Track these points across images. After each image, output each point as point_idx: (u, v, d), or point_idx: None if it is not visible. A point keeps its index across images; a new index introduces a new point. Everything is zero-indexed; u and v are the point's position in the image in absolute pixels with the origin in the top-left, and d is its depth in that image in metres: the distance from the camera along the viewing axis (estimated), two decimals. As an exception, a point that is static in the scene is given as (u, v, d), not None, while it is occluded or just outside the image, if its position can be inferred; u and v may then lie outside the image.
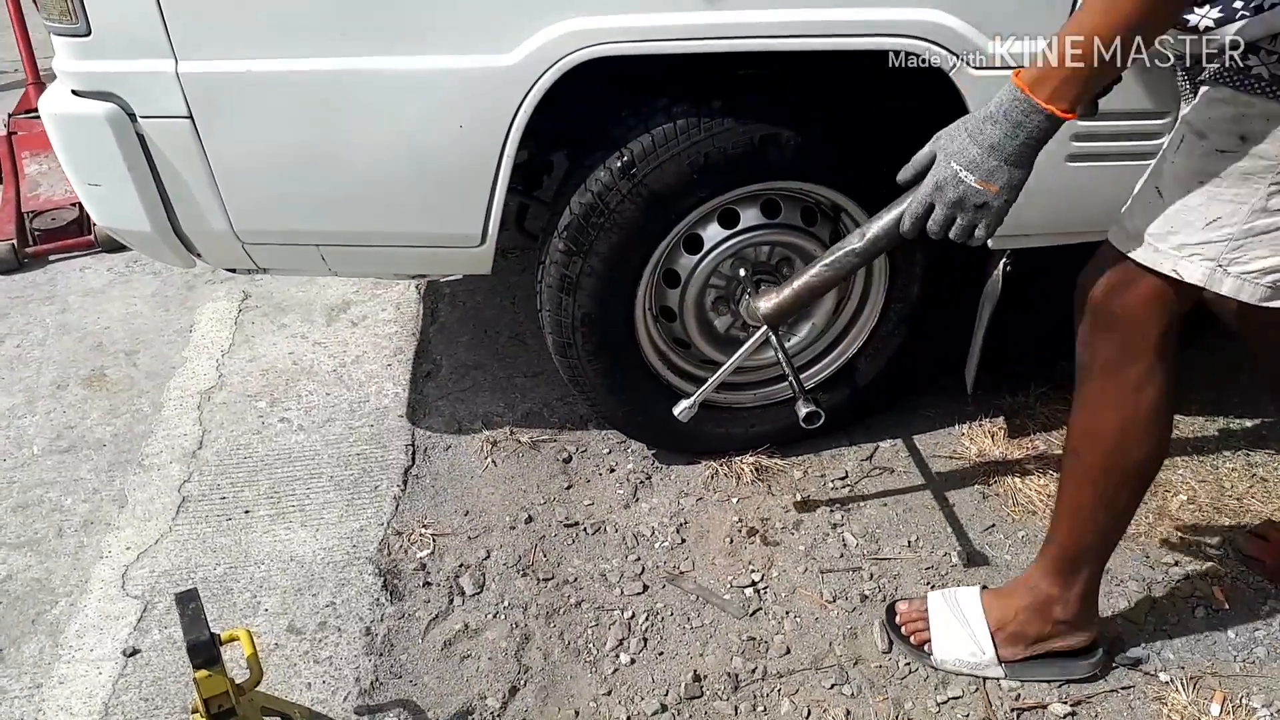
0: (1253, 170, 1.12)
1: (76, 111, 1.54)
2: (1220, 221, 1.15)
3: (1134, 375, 1.29)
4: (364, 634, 1.70)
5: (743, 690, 1.59)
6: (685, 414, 1.78)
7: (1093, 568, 1.48)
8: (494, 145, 1.55)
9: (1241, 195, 1.14)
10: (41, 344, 2.56)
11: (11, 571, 1.88)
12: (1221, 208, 1.15)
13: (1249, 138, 1.11)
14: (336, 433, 2.19)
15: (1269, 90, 1.08)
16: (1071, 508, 1.45)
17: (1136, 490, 1.41)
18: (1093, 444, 1.38)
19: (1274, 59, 1.06)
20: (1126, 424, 1.33)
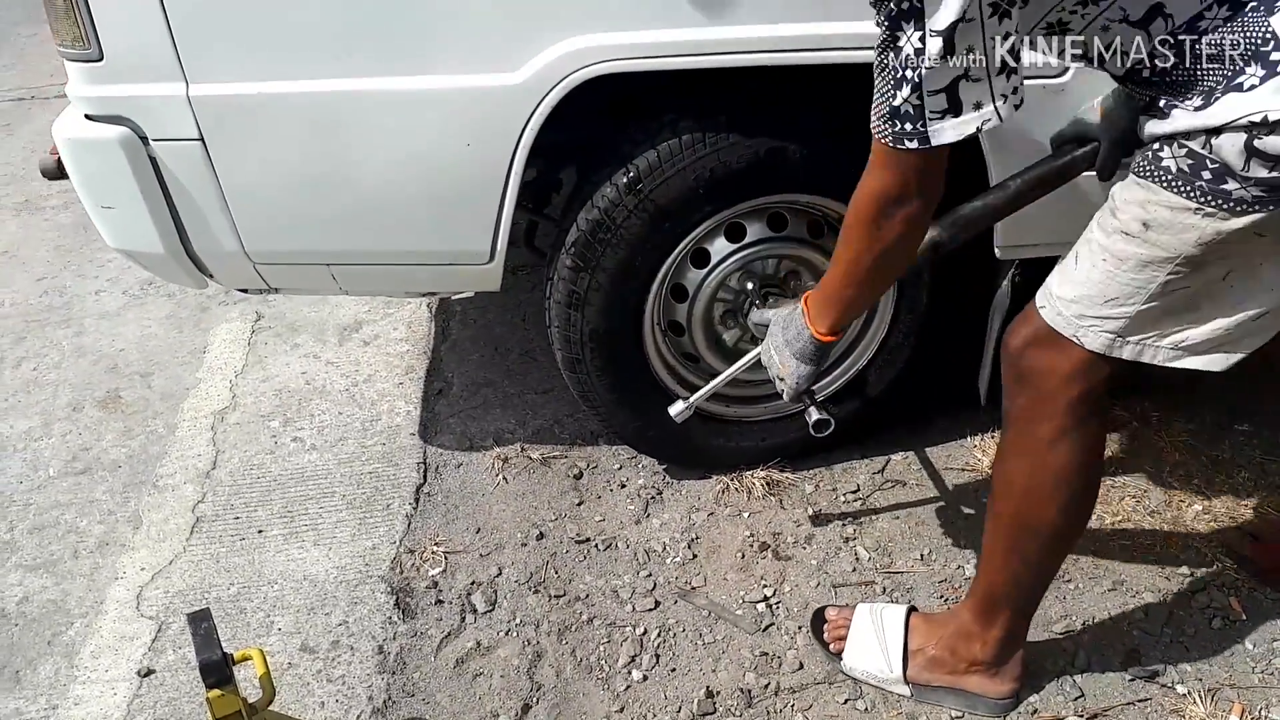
0: (1151, 259, 1.13)
1: (90, 136, 1.56)
2: (1117, 301, 1.17)
3: (1044, 433, 1.29)
4: (377, 652, 1.70)
5: (756, 706, 1.58)
6: (681, 415, 1.77)
7: (1011, 615, 1.46)
8: (501, 163, 1.57)
9: (1138, 281, 1.14)
10: (57, 367, 2.58)
11: (28, 593, 1.89)
12: (1119, 289, 1.16)
13: (1151, 226, 1.11)
14: (349, 451, 2.20)
15: (1175, 185, 1.08)
16: (990, 549, 1.45)
17: (1050, 548, 1.39)
18: (1004, 493, 1.39)
19: (1183, 153, 1.06)
20: (1035, 480, 1.33)
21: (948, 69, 1.04)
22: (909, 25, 1.03)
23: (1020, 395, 1.31)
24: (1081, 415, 1.27)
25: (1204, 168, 1.05)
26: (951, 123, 1.07)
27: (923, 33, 1.02)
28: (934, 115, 1.07)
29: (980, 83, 1.05)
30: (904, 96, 1.07)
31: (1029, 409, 1.30)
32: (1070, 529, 1.38)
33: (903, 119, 1.09)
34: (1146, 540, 1.82)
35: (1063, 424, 1.27)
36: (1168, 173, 1.08)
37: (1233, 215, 1.05)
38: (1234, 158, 1.02)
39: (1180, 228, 1.09)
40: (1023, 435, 1.33)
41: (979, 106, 1.06)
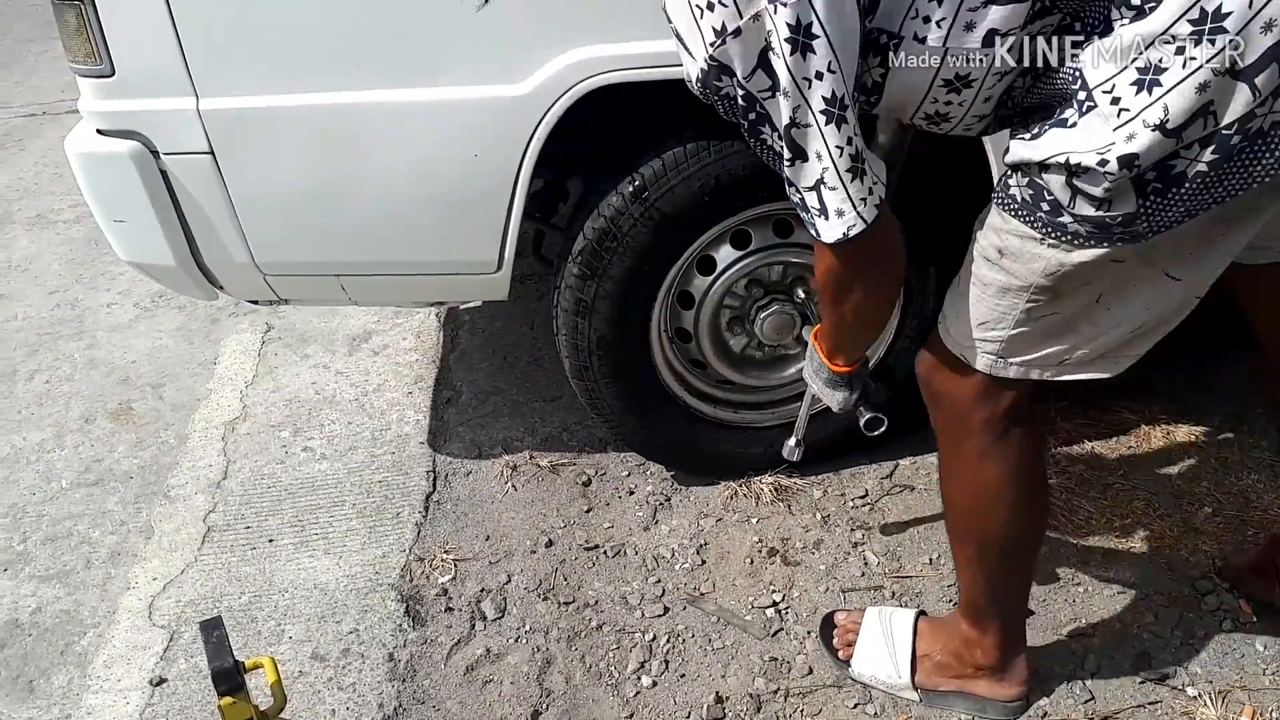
0: (1009, 286, 1.13)
1: (101, 150, 1.58)
2: (988, 325, 1.18)
3: (968, 451, 1.30)
4: (387, 660, 1.71)
5: (765, 711, 1.59)
6: (793, 453, 1.81)
7: (999, 620, 1.46)
8: (508, 173, 1.58)
9: (1001, 307, 1.15)
10: (70, 379, 2.60)
11: (41, 603, 1.90)
12: (988, 313, 1.17)
13: (1005, 254, 1.12)
14: (359, 461, 2.21)
15: (1021, 214, 1.07)
16: (956, 565, 1.48)
17: (1008, 556, 1.39)
18: (950, 510, 1.42)
19: (1025, 183, 1.06)
20: (972, 496, 1.35)
21: (805, 170, 1.04)
22: (765, 128, 1.04)
23: (938, 418, 1.33)
24: (999, 431, 1.27)
25: (1042, 199, 1.04)
26: (826, 224, 1.07)
27: (775, 133, 1.03)
28: (816, 212, 1.07)
29: (837, 190, 1.04)
30: (790, 190, 1.09)
31: (948, 430, 1.32)
32: (1021, 535, 1.38)
33: (800, 209, 1.10)
34: (1156, 543, 1.82)
35: (982, 441, 1.28)
36: (1014, 201, 1.08)
37: (1074, 248, 1.05)
38: (1060, 194, 1.02)
39: (1029, 257, 1.09)
40: (950, 455, 1.35)
41: (841, 214, 1.06)
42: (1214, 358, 2.24)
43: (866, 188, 1.05)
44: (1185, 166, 0.95)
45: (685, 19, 1.00)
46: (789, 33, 0.94)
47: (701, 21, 0.98)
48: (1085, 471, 1.98)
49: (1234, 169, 0.95)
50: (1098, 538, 1.84)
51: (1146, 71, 0.92)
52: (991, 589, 1.43)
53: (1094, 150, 0.96)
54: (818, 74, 0.96)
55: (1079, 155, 0.97)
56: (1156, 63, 0.91)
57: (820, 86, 0.97)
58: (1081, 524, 1.87)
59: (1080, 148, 0.97)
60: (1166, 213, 0.99)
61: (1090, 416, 2.12)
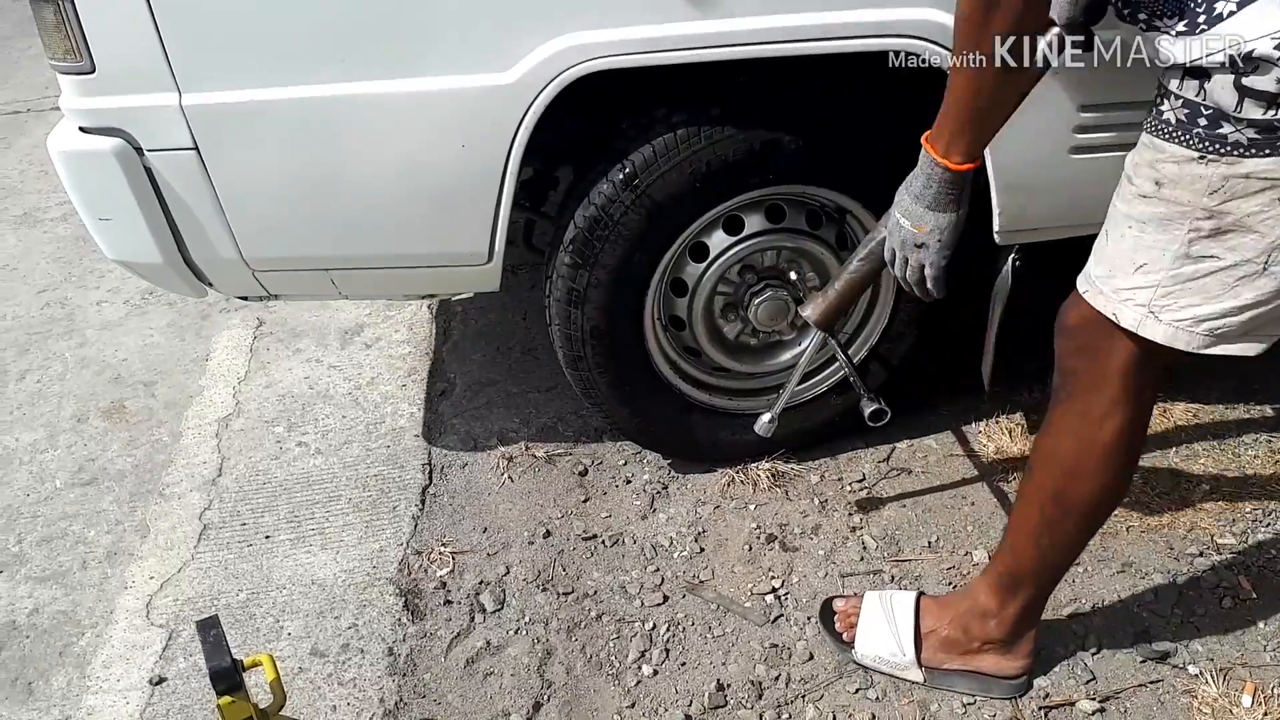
0: (1170, 216, 1.11)
1: (84, 148, 1.56)
2: (1147, 267, 1.15)
3: (1097, 406, 1.28)
4: (387, 654, 1.71)
5: (766, 698, 1.59)
6: (766, 429, 1.81)
7: (1031, 592, 1.46)
8: (496, 163, 1.56)
9: (1162, 242, 1.13)
10: (61, 378, 2.58)
11: (38, 605, 1.90)
12: (1147, 253, 1.15)
13: (1163, 183, 1.10)
14: (354, 455, 2.20)
15: (1176, 136, 1.07)
16: (1019, 525, 1.44)
17: (1083, 523, 1.39)
18: (1048, 465, 1.38)
19: (1179, 104, 1.06)
20: (1083, 452, 1.33)
21: None
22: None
23: (1075, 370, 1.29)
24: (1132, 391, 1.26)
25: (1200, 114, 1.04)
26: None
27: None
28: None
29: None
30: None
31: (1083, 384, 1.29)
32: (1109, 505, 1.38)
33: None
34: (1154, 521, 1.82)
35: (1115, 397, 1.26)
36: (1168, 125, 1.08)
37: (1238, 158, 1.03)
38: (1225, 98, 1.01)
39: (1189, 179, 1.08)
40: (1072, 409, 1.31)
41: None
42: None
43: None
44: None
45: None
46: None
47: None
48: (1082, 451, 1.98)
49: None
50: (1096, 517, 1.84)
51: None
52: (1046, 556, 1.42)
53: (1269, 34, 0.95)
54: None
55: (1252, 42, 0.95)
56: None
57: None
58: (1079, 504, 1.87)
59: (1252, 33, 0.96)
60: None
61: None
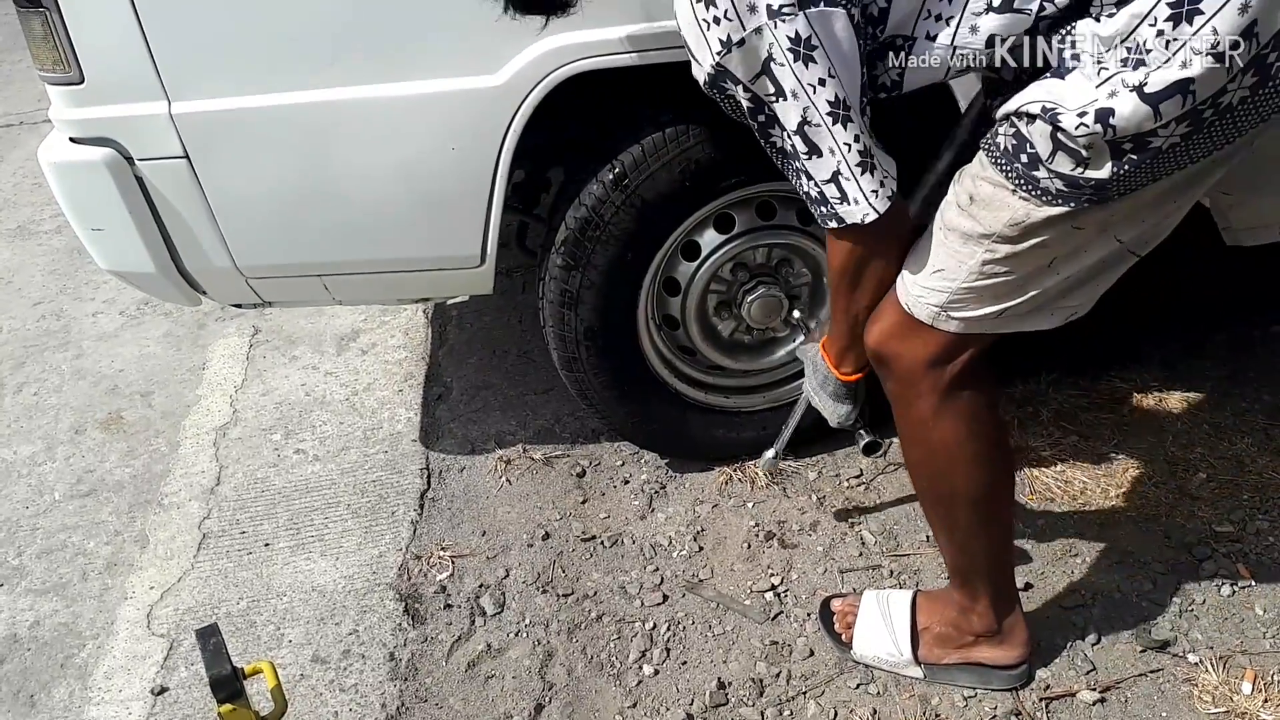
0: (971, 233, 1.15)
1: (75, 159, 1.56)
2: (944, 273, 1.19)
3: (919, 412, 1.31)
4: (388, 659, 1.71)
5: (768, 695, 1.59)
6: (770, 465, 1.85)
7: (986, 584, 1.47)
8: (487, 165, 1.57)
9: (961, 255, 1.17)
10: (58, 390, 2.58)
11: (39, 617, 1.90)
12: (946, 260, 1.18)
13: (975, 200, 1.14)
14: (352, 461, 2.21)
15: (1000, 162, 1.10)
16: (932, 530, 1.50)
17: (978, 514, 1.40)
18: (913, 474, 1.43)
19: (1012, 133, 1.09)
20: (930, 457, 1.36)
21: (822, 164, 1.12)
22: (775, 129, 1.13)
23: (888, 382, 1.34)
24: (947, 390, 1.28)
25: (1023, 150, 1.07)
26: (849, 209, 1.15)
27: (785, 133, 1.11)
28: (835, 200, 1.15)
29: (850, 181, 1.12)
30: (805, 185, 1.16)
31: (899, 394, 1.33)
32: (989, 491, 1.38)
33: (815, 203, 1.17)
34: (1151, 510, 1.82)
35: (935, 403, 1.29)
36: (997, 149, 1.11)
37: (1042, 204, 1.08)
38: (1042, 145, 1.05)
39: (998, 205, 1.12)
40: (903, 420, 1.36)
41: (857, 201, 1.14)
42: (1204, 324, 2.23)
43: (878, 180, 1.13)
44: (1160, 141, 1.00)
45: (694, 32, 1.11)
46: (790, 44, 1.04)
47: (708, 34, 1.08)
48: (1078, 442, 1.98)
49: (1201, 139, 1.01)
50: (1093, 508, 1.84)
51: (1134, 51, 0.97)
52: (969, 549, 1.44)
53: (1076, 107, 1.00)
54: (820, 80, 1.06)
55: (1063, 110, 1.01)
56: (1142, 43, 0.97)
57: (824, 91, 1.07)
58: (1076, 494, 1.87)
59: (1066, 103, 1.01)
60: (1136, 177, 1.03)
61: (1082, 386, 2.12)
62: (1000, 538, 1.46)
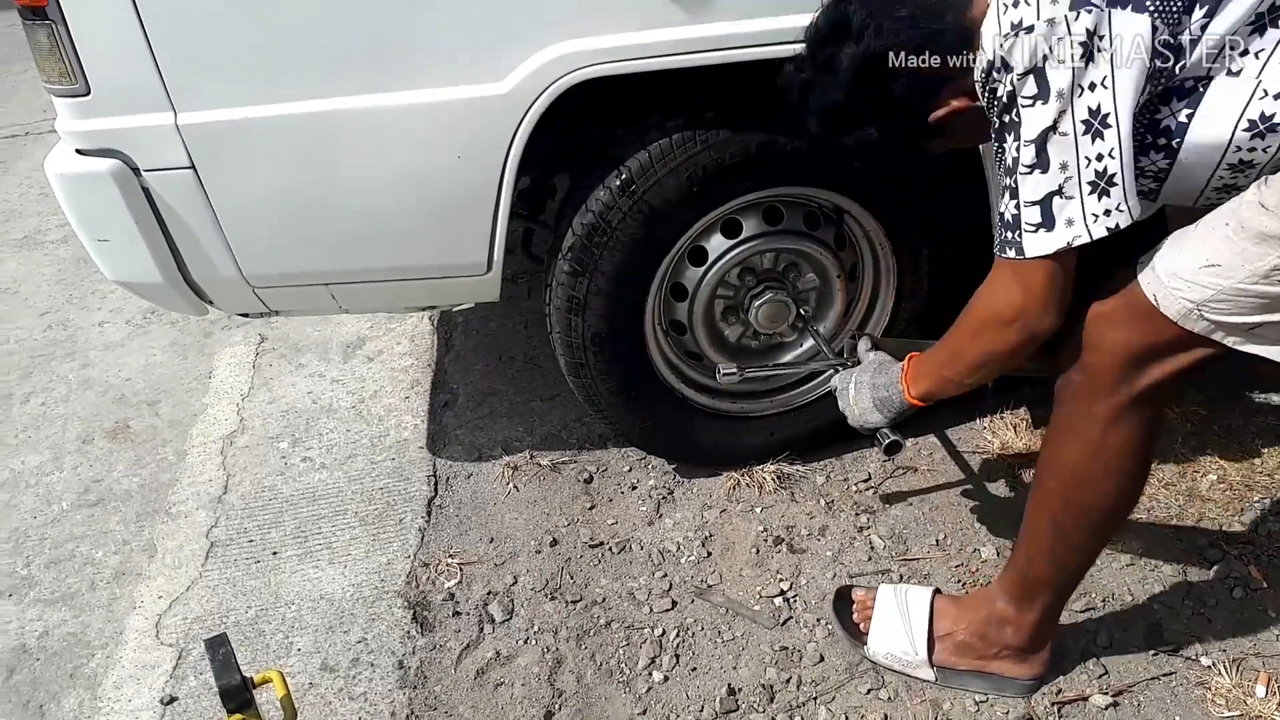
0: (1273, 234, 1.09)
1: (81, 170, 1.56)
2: (1219, 269, 1.12)
3: (1103, 411, 1.25)
4: (397, 667, 1.71)
5: (778, 700, 1.58)
6: (725, 380, 1.81)
7: (1049, 600, 1.44)
8: (493, 173, 1.56)
9: (1250, 254, 1.10)
10: (65, 400, 2.59)
11: (48, 627, 1.90)
12: (1227, 256, 1.12)
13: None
14: (359, 469, 2.20)
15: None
16: (1031, 533, 1.42)
17: (1095, 531, 1.37)
18: (1052, 473, 1.36)
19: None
20: (1087, 459, 1.30)
21: (1042, 181, 1.08)
22: (1009, 135, 1.09)
23: (1083, 372, 1.26)
24: (1143, 397, 1.23)
25: None
26: (1044, 237, 1.11)
27: (1019, 142, 1.08)
28: (1029, 228, 1.11)
29: (1073, 200, 1.08)
30: (1005, 204, 1.12)
31: (1089, 386, 1.26)
32: (1121, 511, 1.36)
33: (1005, 227, 1.13)
34: (1163, 513, 1.81)
35: (1124, 404, 1.24)
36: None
37: None
38: None
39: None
40: (1077, 414, 1.29)
41: (1070, 224, 1.09)
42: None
43: (1104, 208, 1.08)
44: None
45: (991, 16, 1.08)
46: (1084, 35, 1.01)
47: (1003, 16, 1.06)
48: (1088, 444, 1.97)
49: None
50: (1104, 510, 1.83)
51: None
52: (1061, 562, 1.40)
53: None
54: (1091, 84, 1.03)
55: None
56: None
57: (1089, 97, 1.04)
58: (1087, 497, 1.86)
59: None
60: None
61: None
62: (1092, 561, 1.44)
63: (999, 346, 1.25)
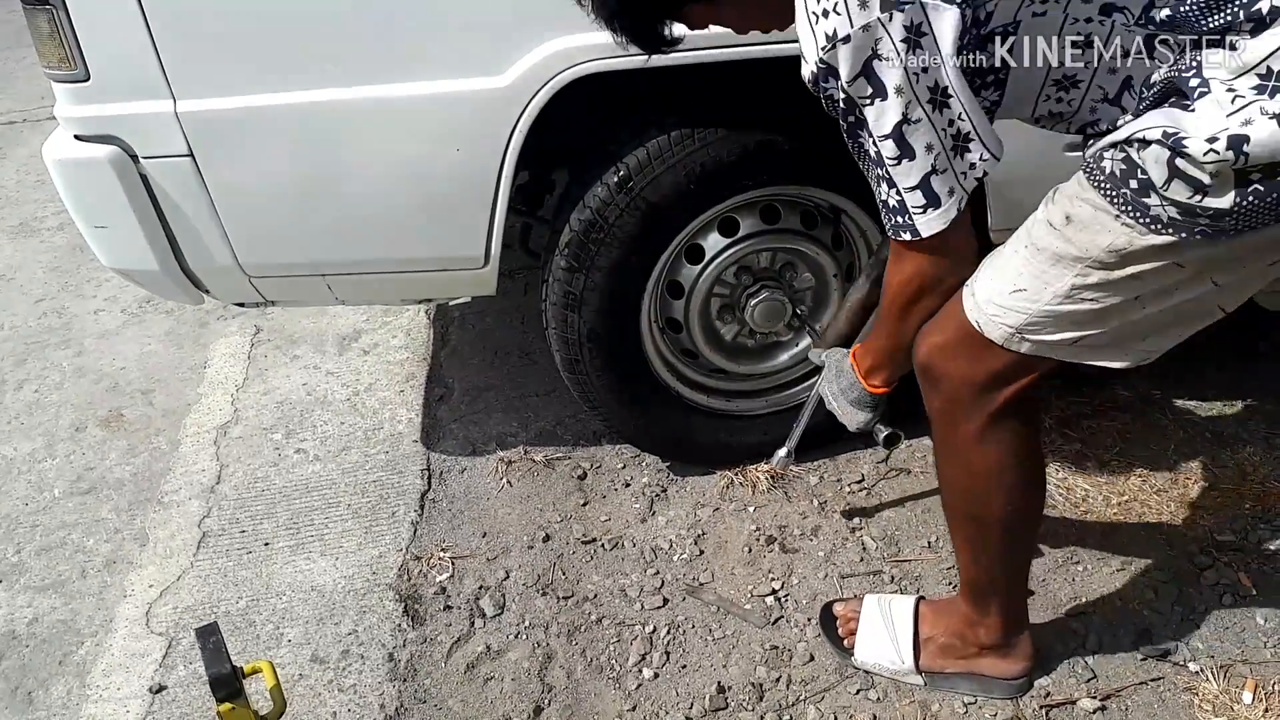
0: (1063, 255, 1.11)
1: (79, 156, 1.56)
2: (1026, 294, 1.15)
3: (966, 434, 1.28)
4: (387, 660, 1.71)
5: (768, 700, 1.58)
6: (784, 464, 1.83)
7: (1001, 599, 1.46)
8: (491, 167, 1.57)
9: (1049, 276, 1.13)
10: (59, 388, 2.58)
11: (38, 614, 1.89)
12: (1029, 280, 1.15)
13: (1072, 221, 1.10)
14: (352, 461, 2.20)
15: (1104, 187, 1.06)
16: (955, 545, 1.47)
17: (1009, 537, 1.39)
18: (947, 491, 1.41)
19: (1120, 158, 1.05)
20: (969, 478, 1.34)
21: (914, 167, 1.09)
22: (863, 132, 1.10)
23: (935, 399, 1.31)
24: (998, 414, 1.25)
25: (1133, 177, 1.03)
26: (934, 214, 1.13)
27: (874, 138, 1.09)
28: (917, 210, 1.12)
29: (946, 172, 1.10)
30: (885, 193, 1.13)
31: (946, 412, 1.30)
32: (1022, 514, 1.37)
33: (893, 212, 1.14)
34: (1153, 519, 1.82)
35: (983, 424, 1.27)
36: (1102, 173, 1.07)
37: (1148, 231, 1.04)
38: (1156, 172, 1.01)
39: (1097, 228, 1.08)
40: (947, 439, 1.34)
41: (951, 192, 1.12)
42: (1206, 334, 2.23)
43: (969, 163, 1.11)
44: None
45: (803, 25, 1.08)
46: (904, 34, 1.03)
47: (815, 27, 1.06)
48: (1081, 450, 1.98)
49: None
50: (1095, 516, 1.84)
51: (1268, 78, 0.95)
52: (992, 569, 1.43)
53: (1205, 134, 0.96)
54: (924, 68, 1.04)
55: (1189, 136, 0.97)
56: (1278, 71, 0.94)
57: (926, 79, 1.05)
58: (1079, 502, 1.87)
59: (1192, 130, 0.97)
60: (1259, 212, 0.98)
61: (1085, 394, 2.11)
62: (1024, 559, 1.46)
63: (921, 319, 1.28)
